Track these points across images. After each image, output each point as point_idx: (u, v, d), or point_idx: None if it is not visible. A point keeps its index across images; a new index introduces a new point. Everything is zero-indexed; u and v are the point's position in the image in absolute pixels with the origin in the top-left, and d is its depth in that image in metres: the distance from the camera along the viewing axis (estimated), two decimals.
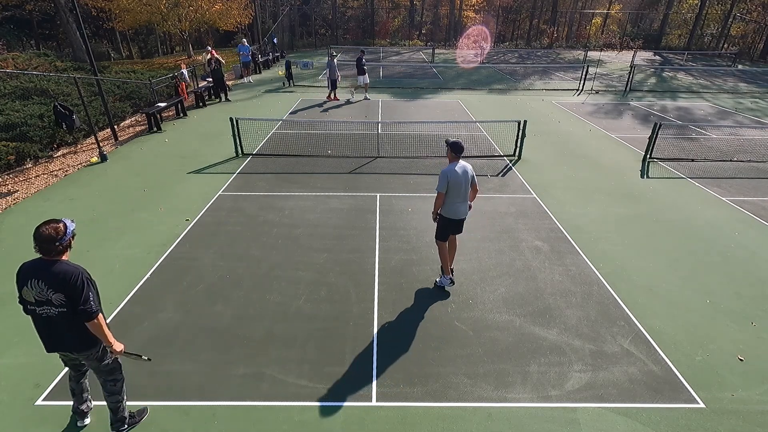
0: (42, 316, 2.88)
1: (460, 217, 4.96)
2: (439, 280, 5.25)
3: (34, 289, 2.83)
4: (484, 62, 26.93)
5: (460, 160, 4.81)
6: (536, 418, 3.57)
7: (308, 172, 8.74)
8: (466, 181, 4.78)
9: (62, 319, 2.87)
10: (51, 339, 2.98)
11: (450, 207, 4.87)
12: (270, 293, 5.05)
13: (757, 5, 34.43)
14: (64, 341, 2.98)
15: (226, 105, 14.84)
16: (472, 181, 4.90)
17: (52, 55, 21.48)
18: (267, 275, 5.38)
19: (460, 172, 4.72)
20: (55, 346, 3.01)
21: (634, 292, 5.15)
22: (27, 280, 2.84)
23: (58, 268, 2.84)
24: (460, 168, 4.74)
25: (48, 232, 2.86)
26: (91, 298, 2.85)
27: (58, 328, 2.92)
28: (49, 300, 2.82)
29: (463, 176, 4.74)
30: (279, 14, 32.09)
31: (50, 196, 7.61)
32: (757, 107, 15.81)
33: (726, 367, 4.11)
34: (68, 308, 2.84)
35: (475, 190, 5.02)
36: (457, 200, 4.84)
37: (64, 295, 2.81)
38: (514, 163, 9.46)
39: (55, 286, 2.80)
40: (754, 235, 6.55)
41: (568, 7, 46.12)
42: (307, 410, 3.61)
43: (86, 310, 2.82)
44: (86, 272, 2.91)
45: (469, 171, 4.84)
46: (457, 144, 4.75)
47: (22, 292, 2.87)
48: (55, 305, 2.83)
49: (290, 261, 5.68)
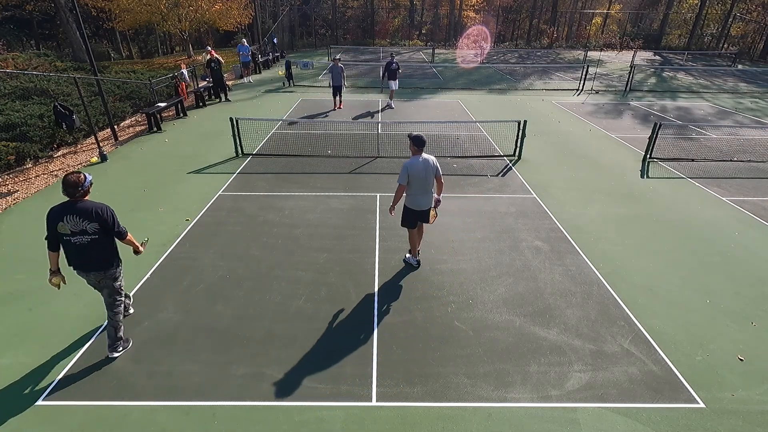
0: (76, 244, 3.70)
1: (422, 208, 5.14)
2: (407, 258, 5.68)
3: (69, 223, 3.61)
4: (484, 62, 26.93)
5: (423, 153, 4.96)
6: (536, 418, 3.57)
7: (308, 172, 8.74)
8: (427, 173, 4.94)
9: (92, 246, 3.73)
10: (83, 262, 3.81)
11: (412, 198, 5.08)
12: (270, 293, 5.05)
13: (757, 5, 34.44)
14: (93, 263, 3.83)
15: (226, 105, 14.84)
16: (437, 173, 5.05)
17: (52, 55, 21.49)
18: (267, 275, 5.38)
19: (421, 165, 4.88)
20: (86, 267, 3.83)
21: (634, 292, 5.15)
22: (62, 217, 3.60)
23: (88, 205, 3.67)
24: (422, 161, 4.89)
25: (73, 179, 3.62)
26: (119, 223, 3.85)
27: (89, 253, 3.76)
28: (84, 230, 3.65)
29: (425, 169, 4.91)
30: (279, 14, 32.09)
31: (50, 196, 7.61)
32: (757, 107, 15.81)
33: (726, 367, 4.11)
34: (99, 235, 3.72)
35: (440, 183, 5.18)
36: (419, 192, 5.02)
37: (98, 224, 3.67)
38: (514, 163, 9.46)
39: (90, 218, 3.64)
40: (754, 235, 6.55)
41: (568, 7, 46.12)
42: (307, 410, 3.61)
43: (120, 232, 3.86)
44: (110, 207, 3.80)
45: (432, 164, 4.99)
46: (418, 138, 4.88)
47: (57, 227, 3.61)
48: (89, 233, 3.67)
49: (290, 261, 5.68)
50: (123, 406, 3.61)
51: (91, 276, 3.92)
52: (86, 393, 3.73)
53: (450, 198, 7.65)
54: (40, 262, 5.61)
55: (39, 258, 5.71)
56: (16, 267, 5.52)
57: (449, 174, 8.76)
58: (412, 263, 5.64)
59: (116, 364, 4.02)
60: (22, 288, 5.11)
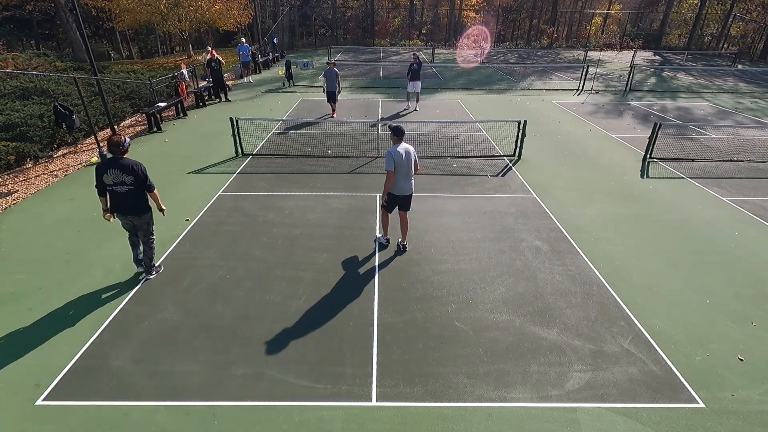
0: (118, 192, 4.75)
1: (405, 194, 5.61)
2: (379, 237, 6.13)
3: (112, 175, 4.66)
4: (484, 62, 26.93)
5: (402, 142, 5.44)
6: (536, 418, 3.57)
7: (308, 172, 8.74)
8: (408, 160, 5.44)
9: (129, 194, 4.78)
10: (122, 207, 4.84)
11: (396, 185, 5.51)
12: (270, 293, 5.05)
13: (757, 5, 34.43)
14: (131, 208, 4.85)
15: (226, 105, 14.84)
16: (415, 161, 5.58)
17: (52, 55, 21.48)
18: (267, 275, 5.38)
19: (402, 153, 5.37)
20: (123, 211, 4.89)
21: (634, 292, 5.16)
22: (106, 170, 4.66)
23: (126, 162, 4.70)
24: (402, 149, 5.39)
25: (116, 139, 4.68)
26: (149, 179, 4.85)
27: (126, 200, 4.80)
28: (123, 181, 4.69)
29: (406, 157, 5.40)
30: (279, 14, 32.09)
31: (50, 196, 7.61)
32: (757, 107, 15.81)
33: (726, 367, 4.11)
34: (134, 186, 4.75)
35: (416, 169, 5.66)
36: (401, 178, 5.49)
37: (133, 177, 4.70)
38: (514, 163, 9.46)
39: (127, 172, 4.67)
40: (754, 235, 6.55)
41: (568, 7, 46.11)
42: (307, 410, 3.61)
43: (149, 186, 4.87)
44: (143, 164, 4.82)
45: (411, 152, 5.50)
46: (398, 128, 5.41)
47: (103, 178, 4.69)
48: (126, 184, 4.71)
49: (290, 261, 5.68)
50: (123, 406, 3.61)
51: (128, 219, 4.98)
52: (86, 393, 3.73)
53: (450, 198, 7.65)
54: (40, 262, 5.61)
55: (39, 258, 5.71)
56: (16, 267, 5.52)
57: (449, 174, 8.76)
58: (382, 242, 6.06)
59: (116, 364, 4.02)
60: (22, 288, 5.11)
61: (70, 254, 5.81)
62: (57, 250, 5.90)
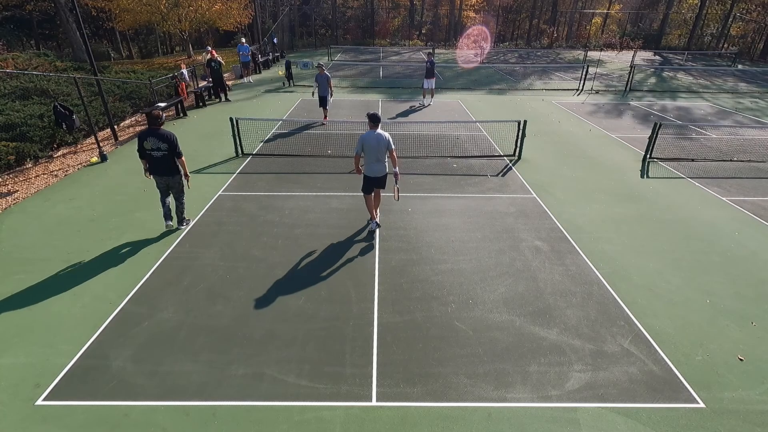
0: (155, 157, 5.88)
1: (376, 175, 6.11)
2: (370, 225, 6.48)
3: (150, 142, 5.81)
4: (484, 62, 26.93)
5: (378, 129, 5.89)
6: (536, 418, 3.58)
7: (308, 172, 8.74)
8: (379, 145, 5.88)
9: (164, 158, 5.91)
10: (158, 169, 5.98)
11: (367, 167, 6.07)
12: (270, 293, 5.05)
13: (757, 5, 34.42)
14: (165, 169, 5.99)
15: (226, 105, 14.84)
16: (389, 147, 5.91)
17: (52, 55, 21.48)
18: (267, 275, 5.38)
19: (374, 138, 5.85)
20: (159, 172, 6.00)
21: (634, 292, 5.16)
22: (146, 138, 5.81)
23: (162, 132, 5.86)
24: (374, 135, 5.85)
25: (155, 113, 5.87)
26: (179, 147, 5.99)
27: (161, 163, 5.93)
28: (159, 147, 5.82)
29: (377, 141, 5.85)
30: (279, 14, 32.08)
31: (50, 196, 7.61)
32: (756, 107, 15.81)
33: (726, 367, 4.11)
34: (168, 152, 5.88)
35: (393, 156, 6.00)
36: (372, 161, 6.01)
37: (167, 144, 5.84)
38: (514, 163, 9.46)
39: (163, 140, 5.83)
40: (754, 235, 6.55)
41: (568, 7, 46.10)
42: (307, 410, 3.61)
43: (179, 153, 5.98)
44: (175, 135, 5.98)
45: (384, 138, 5.88)
46: (374, 115, 5.91)
47: (143, 144, 5.81)
48: (162, 150, 5.84)
49: (290, 261, 5.68)
50: (123, 406, 3.61)
51: (163, 179, 6.08)
52: (86, 393, 3.73)
53: (450, 198, 7.66)
54: (40, 262, 5.61)
55: (39, 258, 5.72)
56: (16, 267, 5.52)
57: (449, 174, 8.76)
58: (373, 228, 6.43)
59: (116, 364, 4.02)
60: (22, 288, 5.11)
61: (70, 254, 5.81)
62: (57, 250, 5.90)
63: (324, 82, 11.81)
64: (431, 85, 14.78)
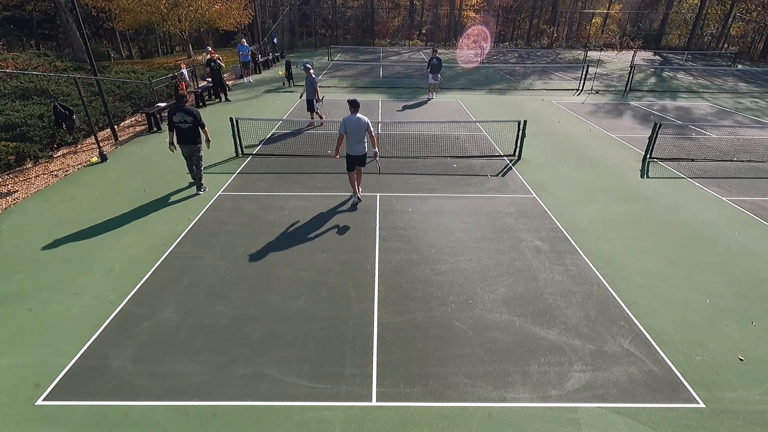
0: (182, 128, 7.16)
1: (357, 154, 6.96)
2: (352, 199, 7.35)
3: (179, 116, 7.07)
4: (484, 62, 26.92)
5: (358, 113, 6.75)
6: (536, 418, 3.58)
7: (308, 172, 8.74)
8: (359, 128, 6.74)
9: (189, 129, 7.20)
10: (184, 138, 7.25)
11: (349, 146, 6.92)
12: (270, 293, 5.05)
13: (757, 5, 34.39)
14: (189, 139, 7.27)
15: (226, 105, 14.84)
16: (368, 129, 6.78)
17: (52, 55, 21.48)
18: (267, 275, 5.38)
19: (355, 121, 6.71)
20: (185, 141, 7.27)
21: (634, 292, 5.16)
22: (175, 113, 7.08)
23: (188, 108, 7.14)
24: (355, 118, 6.71)
25: (182, 93, 7.19)
26: (202, 119, 7.29)
27: (187, 134, 7.22)
28: (185, 120, 7.10)
29: (357, 124, 6.72)
30: (279, 14, 32.09)
31: (50, 196, 7.61)
32: (756, 107, 15.81)
33: (726, 367, 4.11)
34: (192, 124, 7.16)
35: (372, 136, 6.84)
36: (353, 141, 6.87)
37: (193, 118, 7.13)
38: (514, 163, 9.47)
39: (189, 114, 7.11)
40: (754, 235, 6.55)
41: (568, 7, 46.09)
42: (307, 410, 3.61)
43: (202, 124, 7.28)
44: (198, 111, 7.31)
45: (364, 121, 6.74)
46: (354, 101, 6.78)
47: (173, 117, 7.09)
48: (188, 123, 7.12)
49: (290, 261, 5.68)
50: (123, 406, 3.61)
51: (187, 147, 7.33)
52: (86, 393, 3.73)
53: (450, 198, 7.66)
54: (40, 262, 5.62)
55: (39, 258, 5.72)
56: (16, 267, 5.53)
57: (449, 174, 8.76)
58: (356, 202, 7.28)
59: (116, 364, 4.02)
60: (22, 288, 5.11)
61: (70, 254, 5.81)
62: (57, 250, 5.90)
63: (309, 85, 11.37)
64: (436, 80, 15.70)
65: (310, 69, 11.62)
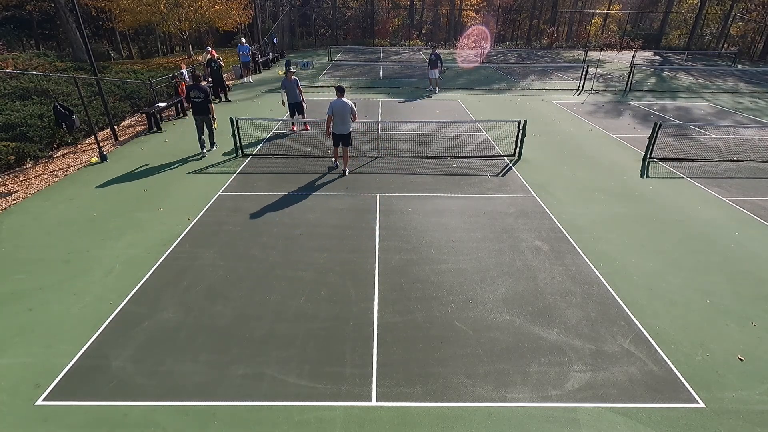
0: (196, 102, 9.21)
1: (342, 133, 8.23)
2: (330, 163, 8.97)
3: (194, 92, 9.17)
4: (484, 62, 26.93)
5: (343, 98, 7.97)
6: (536, 418, 3.58)
7: (308, 172, 8.74)
8: (344, 110, 7.99)
9: (202, 103, 9.23)
10: (198, 110, 9.26)
11: (336, 126, 8.14)
12: (270, 293, 5.05)
13: (757, 5, 34.39)
14: (202, 110, 9.29)
15: (226, 105, 14.84)
16: (352, 111, 8.07)
17: (52, 55, 21.49)
18: (267, 275, 5.38)
19: (340, 104, 7.93)
20: (199, 113, 9.30)
21: (634, 292, 5.16)
22: (191, 90, 9.23)
23: (201, 86, 9.25)
24: (340, 102, 7.93)
25: (198, 75, 9.80)
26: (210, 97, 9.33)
27: (200, 106, 9.26)
28: (199, 96, 9.16)
29: (342, 107, 7.96)
30: (279, 14, 32.08)
31: (50, 196, 7.61)
32: (756, 107, 15.81)
33: (726, 367, 4.11)
34: (204, 99, 9.19)
35: (354, 117, 8.18)
36: (338, 122, 8.09)
37: (204, 94, 9.17)
38: (514, 163, 9.47)
39: (201, 91, 9.17)
40: (754, 235, 6.55)
41: (568, 7, 46.10)
42: (307, 410, 3.61)
43: (210, 101, 9.31)
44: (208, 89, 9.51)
45: (348, 104, 7.99)
46: (339, 87, 8.11)
47: (189, 93, 9.24)
48: (201, 98, 9.17)
49: (290, 261, 5.68)
50: (123, 406, 3.61)
51: (200, 117, 9.30)
52: (86, 393, 3.73)
53: (450, 198, 7.66)
54: (40, 262, 5.62)
55: (39, 258, 5.72)
56: (16, 267, 5.53)
57: (449, 174, 8.76)
58: (333, 166, 8.87)
59: (116, 364, 4.02)
60: (22, 288, 5.11)
61: (70, 254, 5.81)
62: (57, 250, 5.90)
63: (293, 87, 10.87)
64: (435, 74, 16.78)
65: (291, 70, 11.08)
